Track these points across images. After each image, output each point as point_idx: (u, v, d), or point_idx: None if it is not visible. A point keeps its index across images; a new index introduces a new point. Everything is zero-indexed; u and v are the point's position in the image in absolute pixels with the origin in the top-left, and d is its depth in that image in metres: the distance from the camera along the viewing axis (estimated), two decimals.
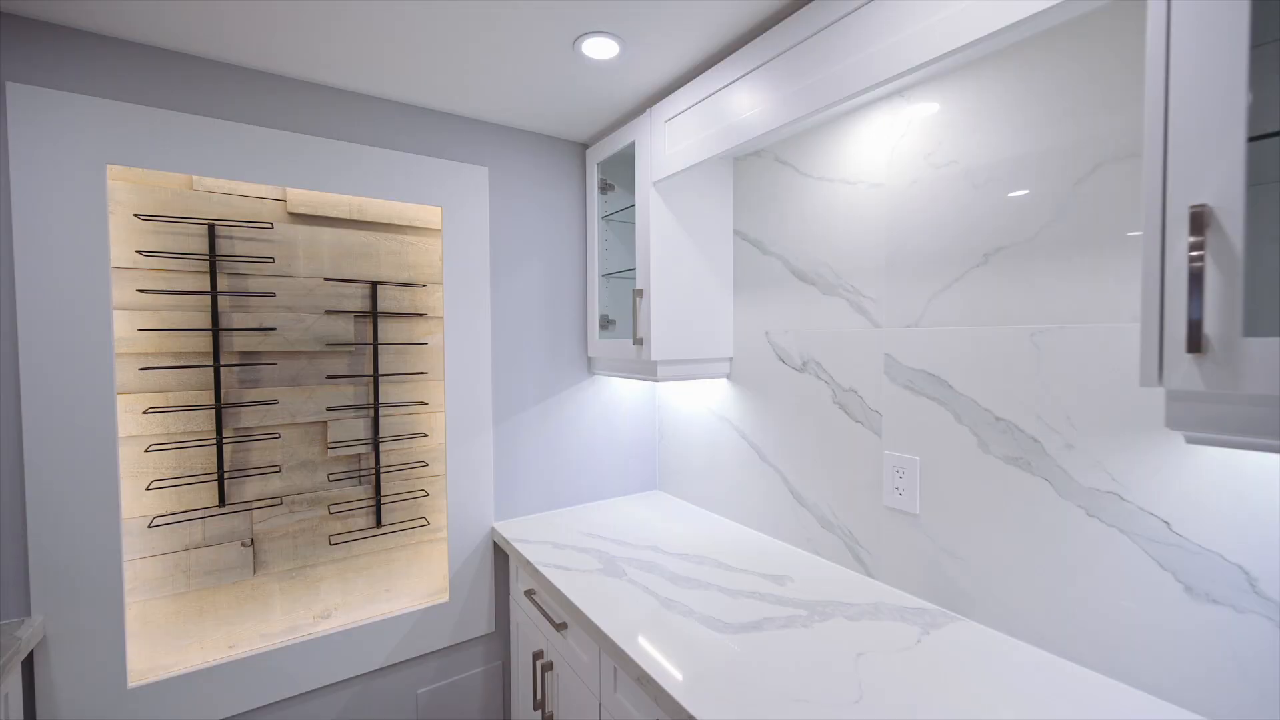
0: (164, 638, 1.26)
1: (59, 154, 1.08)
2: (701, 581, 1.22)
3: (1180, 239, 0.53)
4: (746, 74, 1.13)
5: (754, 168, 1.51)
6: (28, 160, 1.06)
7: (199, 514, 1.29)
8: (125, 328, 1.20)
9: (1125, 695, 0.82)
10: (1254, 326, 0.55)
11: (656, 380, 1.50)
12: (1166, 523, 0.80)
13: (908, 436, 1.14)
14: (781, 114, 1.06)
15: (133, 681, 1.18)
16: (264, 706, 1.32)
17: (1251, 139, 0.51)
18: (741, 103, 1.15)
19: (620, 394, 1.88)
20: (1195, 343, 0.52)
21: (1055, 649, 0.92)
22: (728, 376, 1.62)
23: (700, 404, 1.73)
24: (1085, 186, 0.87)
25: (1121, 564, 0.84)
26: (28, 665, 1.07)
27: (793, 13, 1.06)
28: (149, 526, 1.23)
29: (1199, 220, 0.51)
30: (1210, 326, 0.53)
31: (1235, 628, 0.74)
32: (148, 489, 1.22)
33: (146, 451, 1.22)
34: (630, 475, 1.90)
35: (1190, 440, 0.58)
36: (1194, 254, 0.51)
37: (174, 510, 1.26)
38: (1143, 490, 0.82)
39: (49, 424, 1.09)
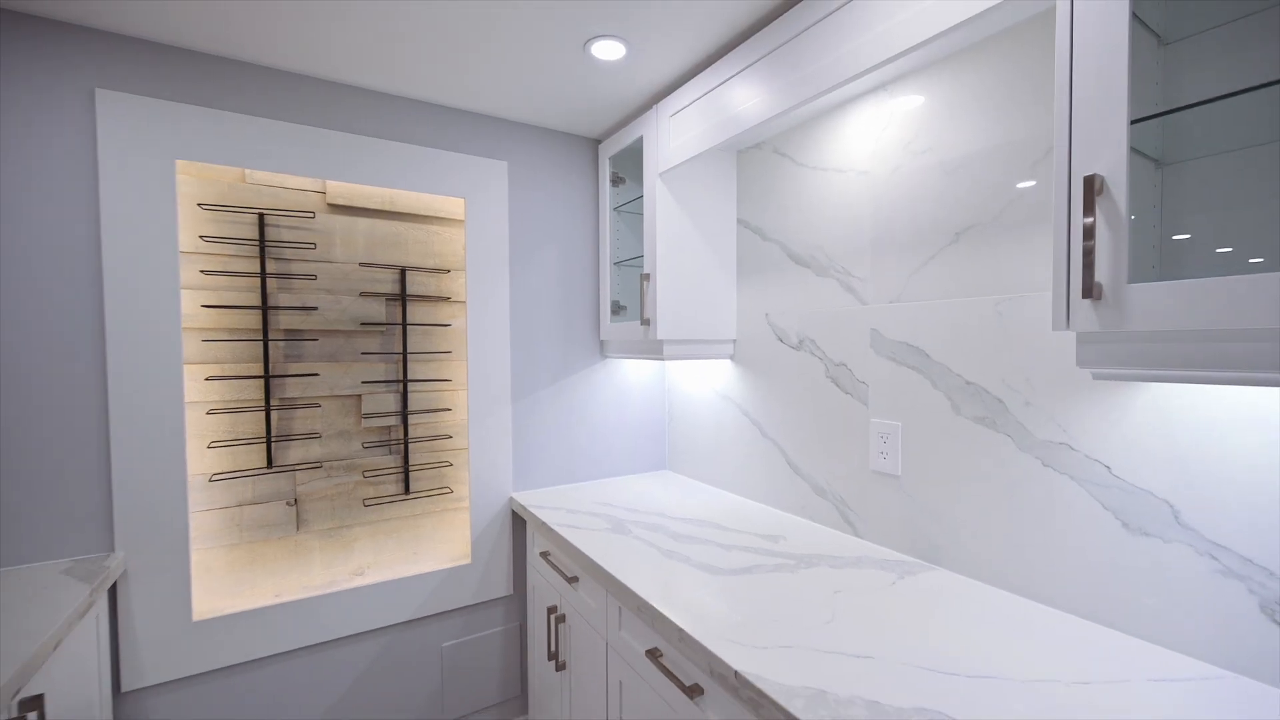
0: (221, 582, 1.41)
1: (137, 150, 1.24)
2: (701, 539, 1.34)
3: (1079, 203, 0.63)
4: (742, 70, 1.25)
5: (755, 159, 1.62)
6: (112, 156, 1.22)
7: (250, 473, 1.44)
8: (189, 304, 1.36)
9: (1071, 623, 0.91)
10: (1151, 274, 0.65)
11: (663, 359, 1.62)
12: (1108, 467, 0.89)
13: (891, 404, 1.24)
14: (774, 105, 1.17)
15: (197, 616, 1.34)
16: (307, 647, 1.46)
17: (1133, 121, 0.61)
18: (738, 96, 1.26)
19: (631, 377, 2.00)
20: (1088, 289, 0.62)
21: (1016, 589, 1.02)
22: (731, 358, 1.73)
23: (707, 385, 1.84)
24: (1040, 168, 0.97)
25: (1071, 507, 0.93)
26: (112, 593, 1.24)
27: (780, 15, 1.17)
28: (209, 481, 1.38)
29: (1090, 186, 0.62)
30: (1101, 275, 0.63)
31: (1163, 555, 0.83)
32: (208, 448, 1.38)
33: (208, 414, 1.38)
34: (640, 455, 2.01)
35: (1097, 376, 0.68)
36: (1087, 219, 0.61)
37: (229, 469, 1.41)
38: (1089, 439, 0.91)
39: (130, 386, 1.25)
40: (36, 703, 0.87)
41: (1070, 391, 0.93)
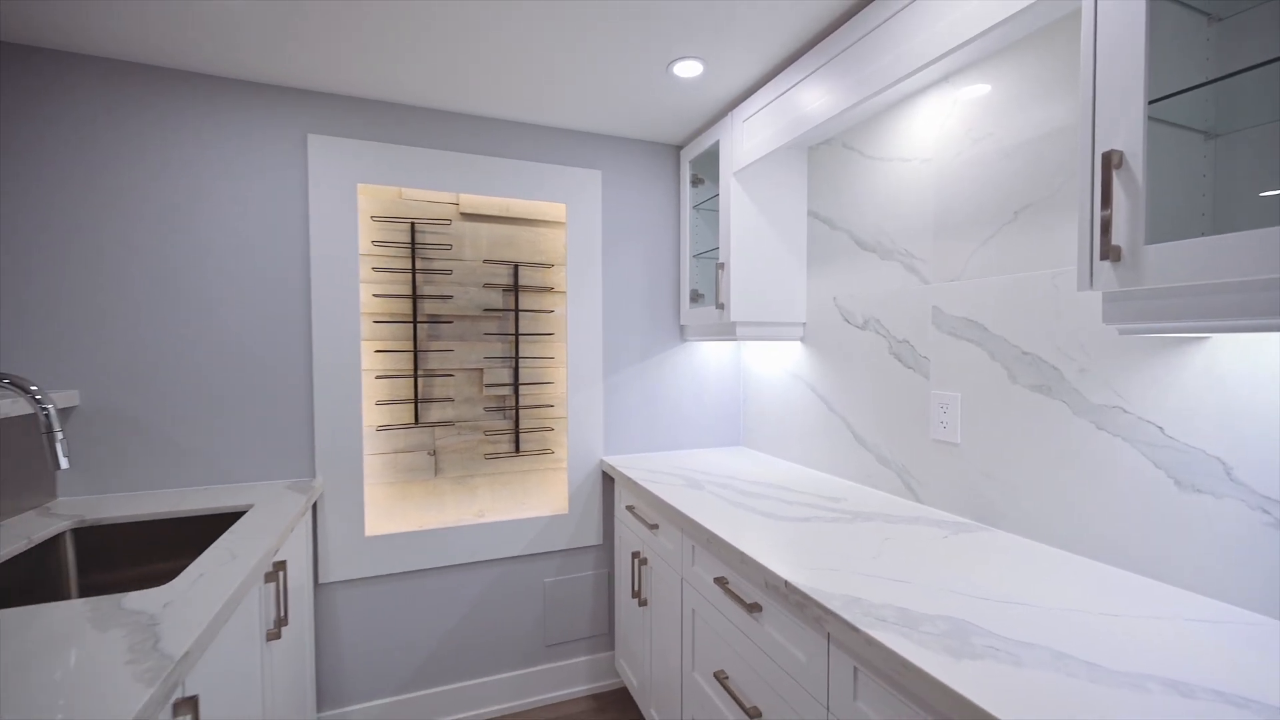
0: (382, 510, 1.80)
1: (333, 178, 1.65)
2: (767, 496, 1.49)
3: (1099, 175, 0.73)
4: (808, 75, 1.39)
5: (824, 154, 1.73)
6: (318, 183, 1.63)
7: (402, 427, 1.82)
8: (364, 294, 1.76)
9: (1119, 575, 0.96)
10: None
11: (735, 339, 1.79)
12: (1160, 428, 0.93)
13: (950, 376, 1.31)
14: (838, 103, 1.30)
15: (368, 533, 1.73)
16: (443, 567, 1.82)
17: (1151, 101, 0.70)
18: (805, 97, 1.40)
19: (709, 359, 2.18)
20: (1105, 252, 0.71)
21: (1069, 547, 1.07)
22: (802, 340, 1.85)
23: (779, 366, 1.98)
24: None
25: (1124, 468, 0.98)
26: (313, 509, 1.65)
27: (842, 23, 1.29)
28: (376, 431, 1.78)
29: (1108, 161, 0.71)
30: (1120, 239, 0.71)
31: (1216, 511, 0.87)
32: (375, 404, 1.78)
33: (376, 379, 1.77)
34: (716, 430, 2.19)
35: (1122, 332, 0.76)
36: (1103, 190, 0.71)
37: (388, 423, 1.80)
38: (1142, 402, 0.95)
39: (327, 356, 1.66)
40: (282, 566, 1.24)
41: (1123, 356, 0.98)
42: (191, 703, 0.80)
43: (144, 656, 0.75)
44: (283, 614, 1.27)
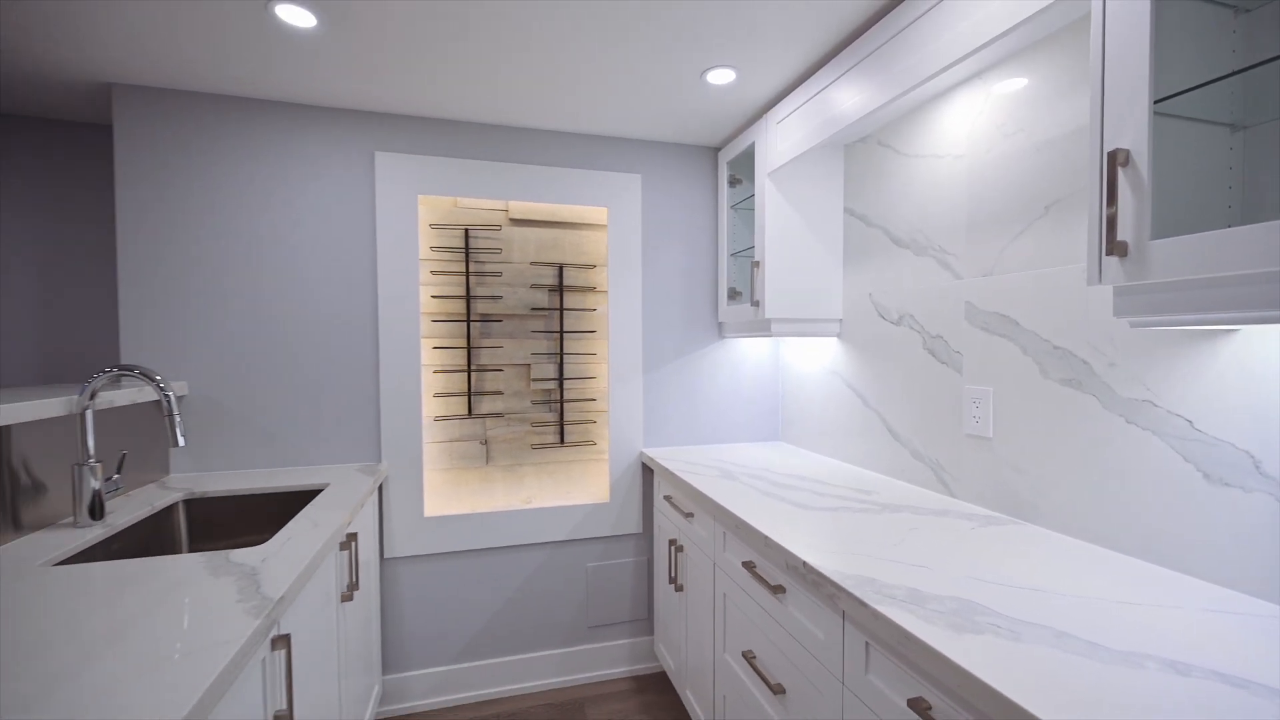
0: (439, 494, 1.97)
1: (397, 191, 1.83)
2: (798, 488, 1.54)
3: (1105, 173, 0.75)
4: (837, 78, 1.42)
5: (860, 152, 1.75)
6: (384, 196, 1.82)
7: (456, 418, 1.98)
8: (423, 295, 1.93)
9: (1145, 568, 0.96)
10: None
11: (770, 335, 1.84)
12: (1190, 421, 0.92)
13: (983, 371, 1.32)
14: (866, 104, 1.33)
15: (426, 514, 1.90)
16: (493, 548, 1.97)
17: (1156, 101, 0.71)
18: (835, 99, 1.44)
19: (746, 355, 2.23)
20: (1112, 247, 0.73)
21: (1099, 541, 1.06)
22: (838, 336, 1.88)
23: (816, 363, 2.00)
24: None
25: (1153, 461, 0.97)
26: (380, 490, 1.84)
27: (866, 29, 1.32)
28: (434, 421, 1.95)
29: (1114, 159, 0.73)
30: (1126, 234, 0.73)
31: (1244, 505, 0.85)
32: (433, 397, 1.95)
33: (433, 373, 1.94)
34: (754, 425, 2.24)
35: (1134, 325, 0.77)
36: (1110, 186, 0.73)
37: (444, 414, 1.97)
38: (1171, 395, 0.95)
39: (392, 353, 1.84)
40: (353, 537, 1.41)
41: (1153, 350, 0.97)
42: (285, 640, 0.95)
43: (250, 597, 0.90)
44: (354, 579, 1.44)
